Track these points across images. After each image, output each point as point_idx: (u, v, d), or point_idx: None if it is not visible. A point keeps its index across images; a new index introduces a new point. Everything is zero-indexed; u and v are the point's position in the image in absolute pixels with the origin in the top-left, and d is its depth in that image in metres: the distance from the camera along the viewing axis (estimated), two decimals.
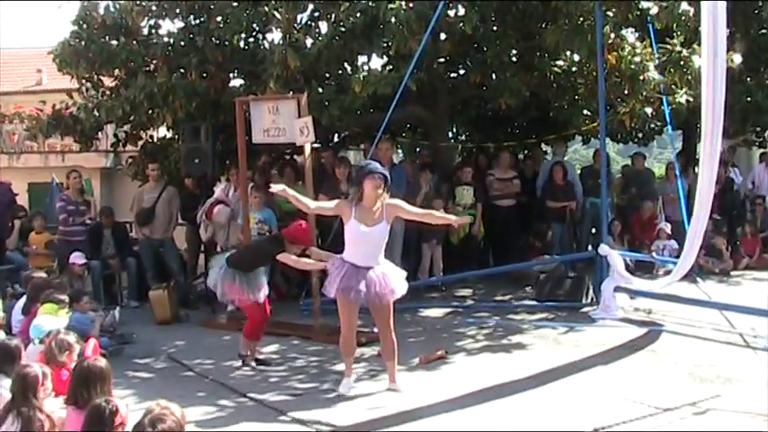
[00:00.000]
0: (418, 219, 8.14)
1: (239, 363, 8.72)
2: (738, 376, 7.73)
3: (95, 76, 13.33)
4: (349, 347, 7.76)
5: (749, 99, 15.81)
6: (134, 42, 12.73)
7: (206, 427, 6.71)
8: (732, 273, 14.07)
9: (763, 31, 16.30)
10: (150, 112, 12.59)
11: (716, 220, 14.62)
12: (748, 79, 15.64)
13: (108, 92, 13.24)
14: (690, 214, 9.35)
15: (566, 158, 15.90)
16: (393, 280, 7.56)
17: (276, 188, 7.70)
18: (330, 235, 10.51)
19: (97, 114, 12.92)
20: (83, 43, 12.67)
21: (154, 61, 12.73)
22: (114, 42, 12.77)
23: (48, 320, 7.80)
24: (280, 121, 10.30)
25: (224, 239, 11.91)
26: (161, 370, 8.86)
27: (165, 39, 12.79)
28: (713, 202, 12.54)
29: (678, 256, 10.39)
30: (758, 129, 17.50)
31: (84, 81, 13.39)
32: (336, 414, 7.01)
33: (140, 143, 14.21)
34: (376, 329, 8.04)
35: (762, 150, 17.89)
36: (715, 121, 7.87)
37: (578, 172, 16.12)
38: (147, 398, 7.09)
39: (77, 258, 11.76)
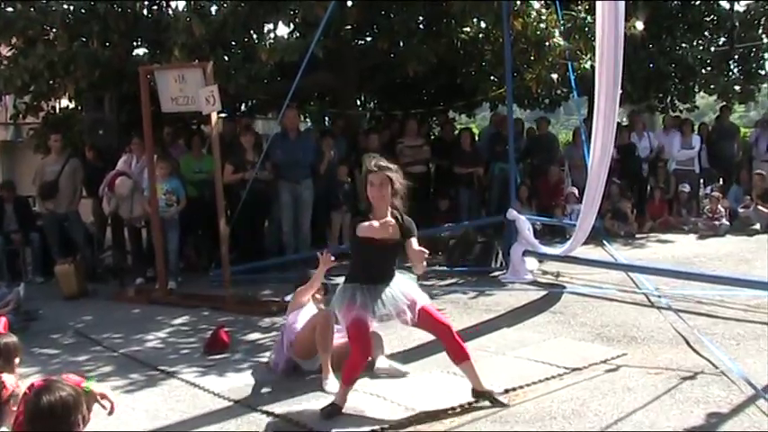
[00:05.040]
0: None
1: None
2: (643, 335, 7.91)
3: None
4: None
5: (651, 65, 16.16)
6: (31, 9, 12.24)
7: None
8: (637, 235, 14.42)
9: None
10: (51, 81, 12.23)
11: (620, 184, 14.93)
12: (650, 46, 15.96)
13: (5, 61, 12.79)
14: None
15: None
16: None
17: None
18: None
19: None
20: None
21: (53, 29, 12.34)
22: (10, 9, 12.27)
23: None
24: (187, 89, 10.14)
25: (128, 211, 11.72)
26: (69, 345, 8.66)
27: (65, 6, 12.29)
28: (616, 167, 12.90)
29: None
30: (660, 95, 17.87)
31: None
32: (247, 383, 6.98)
33: (42, 114, 13.78)
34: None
35: (665, 115, 18.26)
36: (609, 87, 7.99)
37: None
38: (56, 373, 6.97)
39: None
